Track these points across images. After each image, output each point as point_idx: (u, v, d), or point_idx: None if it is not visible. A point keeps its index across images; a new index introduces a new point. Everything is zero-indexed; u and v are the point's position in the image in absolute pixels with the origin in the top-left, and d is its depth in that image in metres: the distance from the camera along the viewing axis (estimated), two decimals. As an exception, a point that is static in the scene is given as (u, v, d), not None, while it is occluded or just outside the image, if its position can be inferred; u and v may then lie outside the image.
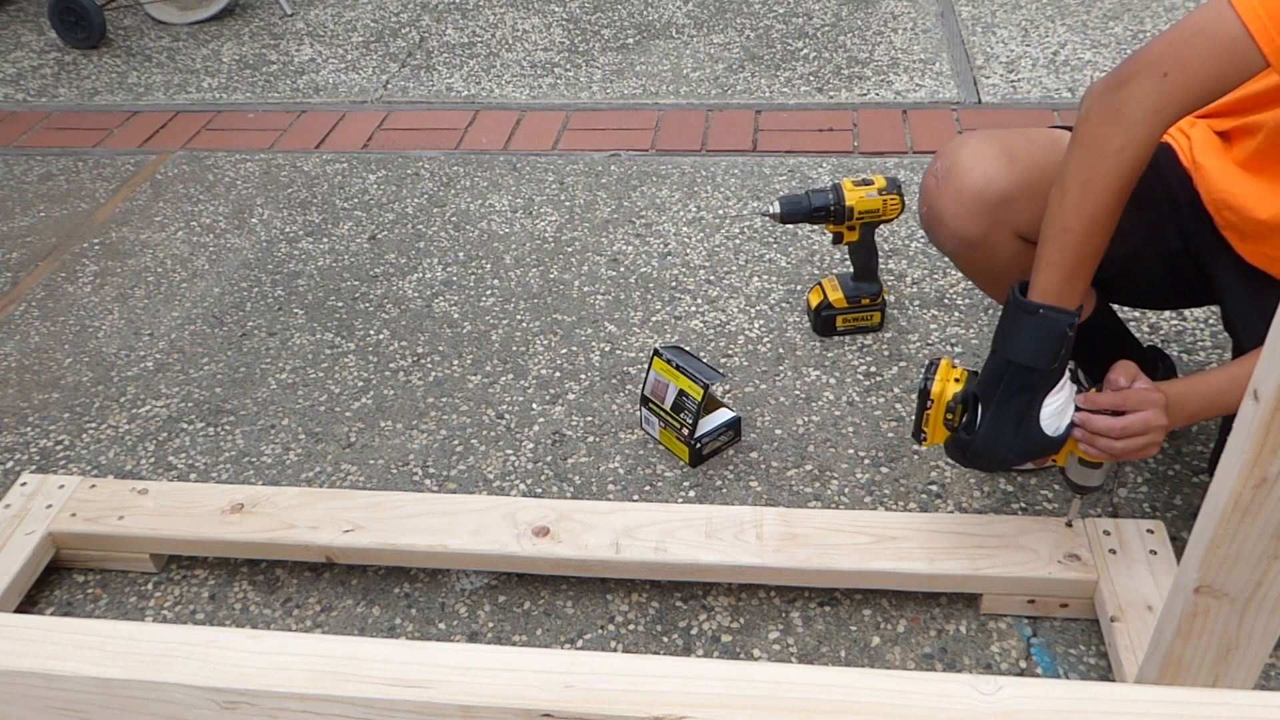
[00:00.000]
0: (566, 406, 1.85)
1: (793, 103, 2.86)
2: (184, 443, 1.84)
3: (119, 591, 1.56)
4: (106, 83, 3.28)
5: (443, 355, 2.01)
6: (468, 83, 3.12)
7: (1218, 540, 0.94)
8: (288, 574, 1.57)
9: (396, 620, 1.49)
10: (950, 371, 1.29)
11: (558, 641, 1.44)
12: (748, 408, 1.81)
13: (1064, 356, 1.19)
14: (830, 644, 1.41)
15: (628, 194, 2.49)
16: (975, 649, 1.39)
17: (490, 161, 2.69)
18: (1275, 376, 0.81)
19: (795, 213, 1.84)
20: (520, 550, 1.45)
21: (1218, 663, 1.07)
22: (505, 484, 1.70)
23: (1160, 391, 1.21)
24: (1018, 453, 1.24)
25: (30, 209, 2.61)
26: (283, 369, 2.00)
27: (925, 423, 1.31)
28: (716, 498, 1.64)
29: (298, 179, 2.66)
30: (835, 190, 1.83)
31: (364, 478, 1.74)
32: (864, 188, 1.84)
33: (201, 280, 2.29)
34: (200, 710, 1.11)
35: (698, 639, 1.43)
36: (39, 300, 2.26)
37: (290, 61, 3.35)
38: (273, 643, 1.14)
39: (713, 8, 3.50)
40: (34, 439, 1.87)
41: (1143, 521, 1.43)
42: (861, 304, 1.93)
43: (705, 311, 2.07)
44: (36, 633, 1.18)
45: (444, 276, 2.24)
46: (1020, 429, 1.22)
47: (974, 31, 3.16)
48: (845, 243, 1.89)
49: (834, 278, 1.96)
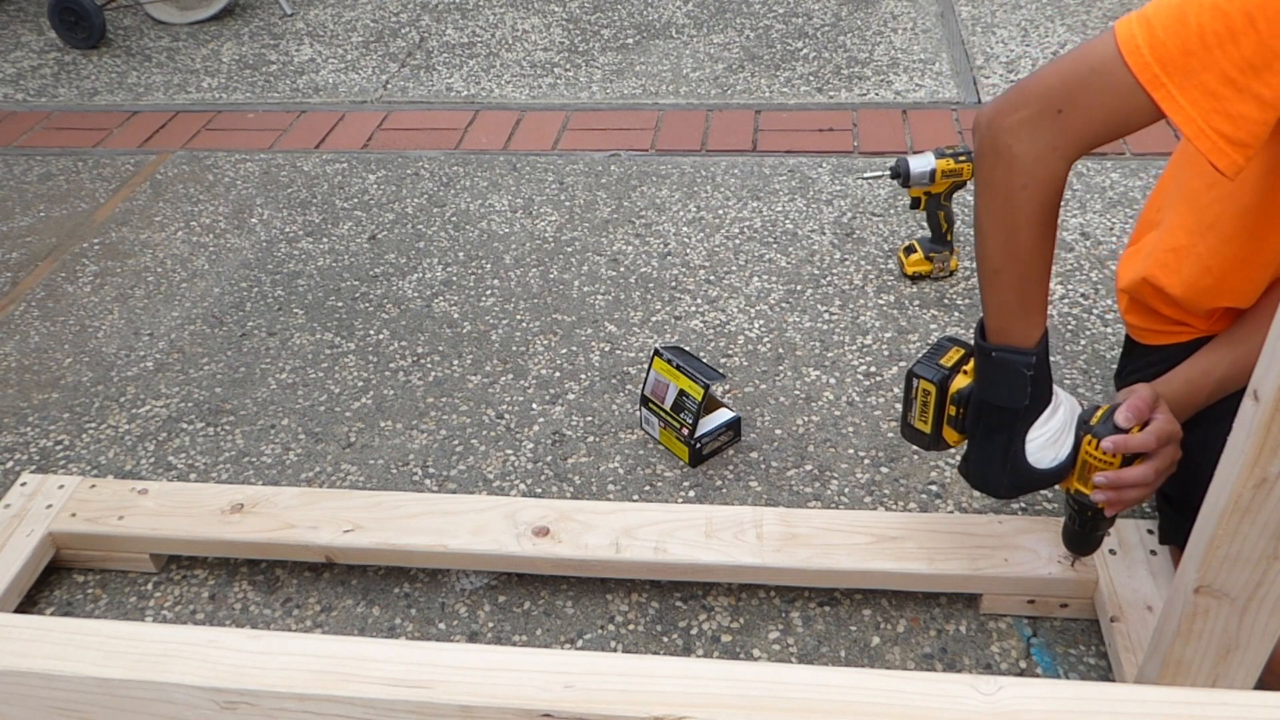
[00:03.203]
0: (566, 406, 1.85)
1: (793, 103, 2.86)
2: (184, 443, 1.84)
3: (119, 591, 1.56)
4: (106, 83, 3.28)
5: (443, 355, 2.01)
6: (468, 83, 3.12)
7: (1217, 540, 0.94)
8: (288, 574, 1.57)
9: (396, 620, 1.49)
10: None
11: (558, 641, 1.44)
12: (748, 408, 1.81)
13: (1036, 392, 1.12)
14: (830, 644, 1.41)
15: (628, 194, 2.49)
16: (975, 649, 1.39)
17: (490, 161, 2.69)
18: (1275, 376, 0.81)
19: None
20: (520, 550, 1.45)
21: (1218, 663, 1.07)
22: (505, 484, 1.70)
23: (1168, 411, 1.14)
24: (1009, 487, 1.18)
25: (30, 209, 2.61)
26: (283, 369, 2.00)
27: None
28: (716, 498, 1.64)
29: (298, 179, 2.66)
30: None
31: (364, 478, 1.74)
32: None
33: (201, 280, 2.29)
34: (200, 710, 1.11)
35: (698, 639, 1.43)
36: (39, 300, 2.26)
37: (290, 61, 3.34)
38: (273, 643, 1.14)
39: (713, 8, 3.50)
40: (34, 439, 1.87)
41: (1143, 521, 1.43)
42: None
43: (705, 311, 2.07)
44: (36, 633, 1.18)
45: (444, 276, 2.24)
46: (1006, 463, 1.16)
47: (974, 31, 3.16)
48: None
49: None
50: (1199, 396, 1.20)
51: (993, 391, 1.14)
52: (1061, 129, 0.98)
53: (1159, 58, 0.92)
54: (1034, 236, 1.04)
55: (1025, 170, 1.01)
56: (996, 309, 1.10)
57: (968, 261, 2.14)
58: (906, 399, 1.26)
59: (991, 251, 1.07)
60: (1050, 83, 0.99)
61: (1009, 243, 1.05)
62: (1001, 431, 1.15)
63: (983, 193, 1.06)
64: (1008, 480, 1.18)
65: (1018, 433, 1.15)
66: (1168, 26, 0.92)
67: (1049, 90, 0.99)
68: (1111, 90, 0.95)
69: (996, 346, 1.12)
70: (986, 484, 1.20)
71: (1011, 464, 1.16)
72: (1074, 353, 1.88)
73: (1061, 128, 0.98)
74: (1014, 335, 1.10)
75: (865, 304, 2.05)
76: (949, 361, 1.22)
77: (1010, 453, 1.16)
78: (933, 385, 1.21)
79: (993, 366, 1.12)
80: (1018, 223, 1.04)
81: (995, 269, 1.08)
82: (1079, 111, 0.97)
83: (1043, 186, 1.02)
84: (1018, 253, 1.06)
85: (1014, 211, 1.03)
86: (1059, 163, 1.00)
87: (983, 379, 1.15)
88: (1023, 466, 1.16)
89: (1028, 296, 1.09)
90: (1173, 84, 0.92)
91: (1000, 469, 1.17)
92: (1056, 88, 0.98)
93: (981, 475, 1.20)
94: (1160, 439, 1.12)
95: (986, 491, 1.22)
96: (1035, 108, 0.99)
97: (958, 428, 1.23)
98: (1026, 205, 1.02)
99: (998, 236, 1.06)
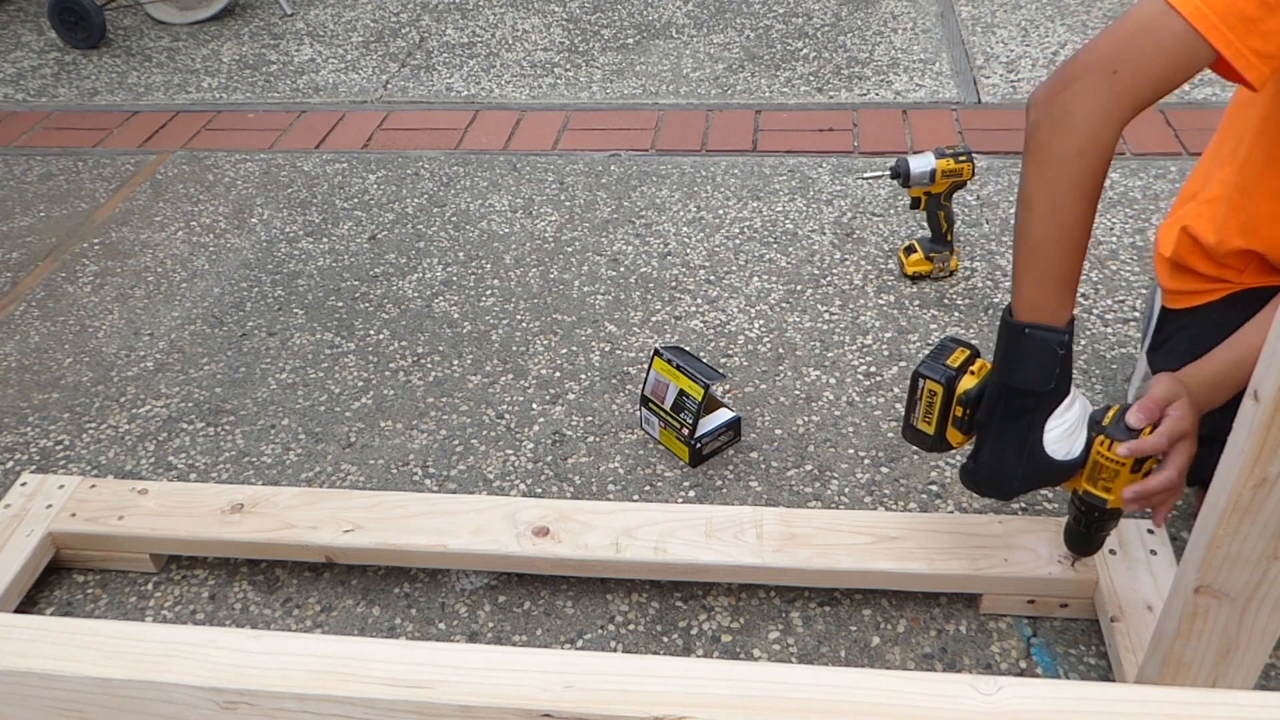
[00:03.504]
0: (566, 406, 1.85)
1: (793, 103, 2.86)
2: (184, 443, 1.84)
3: (119, 591, 1.56)
4: (106, 83, 3.28)
5: (443, 355, 2.01)
6: (468, 83, 3.12)
7: (1217, 540, 0.94)
8: (288, 574, 1.57)
9: (396, 620, 1.49)
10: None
11: (558, 641, 1.44)
12: (748, 408, 1.81)
13: (1062, 376, 1.12)
14: (830, 644, 1.41)
15: (628, 194, 2.49)
16: (975, 649, 1.39)
17: (490, 161, 2.69)
18: (1275, 376, 0.81)
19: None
20: (520, 550, 1.45)
21: (1218, 663, 1.07)
22: (505, 484, 1.70)
23: (1191, 405, 1.14)
24: (1024, 479, 1.18)
25: (30, 209, 2.61)
26: (283, 369, 2.00)
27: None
28: (716, 498, 1.64)
29: (298, 179, 2.66)
30: None
31: (364, 478, 1.74)
32: None
33: (201, 280, 2.29)
34: (200, 710, 1.11)
35: (698, 639, 1.43)
36: (39, 300, 2.26)
37: (290, 61, 3.35)
38: (273, 643, 1.14)
39: (713, 8, 3.50)
40: (34, 439, 1.87)
41: (1143, 521, 1.43)
42: None
43: (705, 311, 2.07)
44: (36, 633, 1.18)
45: (444, 276, 2.24)
46: (1023, 454, 1.16)
47: (974, 31, 3.16)
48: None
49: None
50: (1228, 385, 1.19)
51: (1019, 374, 1.14)
52: (1118, 89, 1.03)
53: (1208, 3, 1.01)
54: (1079, 208, 1.08)
55: (1085, 132, 1.05)
56: (1034, 284, 1.12)
57: (968, 261, 2.14)
58: (910, 400, 1.25)
59: (1036, 222, 1.09)
60: (1102, 47, 1.04)
61: (1056, 212, 1.08)
62: (1022, 417, 1.15)
63: (1035, 162, 1.08)
64: (1024, 471, 1.17)
65: (1038, 420, 1.15)
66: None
67: (1101, 55, 1.04)
68: (1161, 42, 1.02)
69: (1030, 324, 1.12)
70: (999, 476, 1.19)
71: (1029, 454, 1.16)
72: (1074, 352, 1.88)
73: (1118, 87, 1.03)
74: (1048, 312, 1.11)
75: (865, 304, 2.05)
76: (955, 362, 1.22)
77: (1029, 442, 1.15)
78: (939, 385, 1.21)
79: (1025, 344, 1.12)
80: (1068, 191, 1.07)
81: (1040, 240, 1.10)
82: (1132, 68, 1.03)
83: (1099, 150, 1.05)
84: (1065, 222, 1.08)
85: (1067, 178, 1.07)
86: (1115, 125, 1.05)
87: (1009, 361, 1.14)
88: (1040, 457, 1.16)
89: (1066, 271, 1.11)
90: (1214, 14, 1.00)
91: (1016, 458, 1.17)
92: (1109, 51, 1.04)
93: (996, 466, 1.19)
94: (1172, 438, 1.12)
95: (995, 489, 1.21)
96: (1091, 73, 1.04)
97: (963, 429, 1.23)
98: (1080, 171, 1.06)
99: (1045, 206, 1.08)
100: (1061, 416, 1.15)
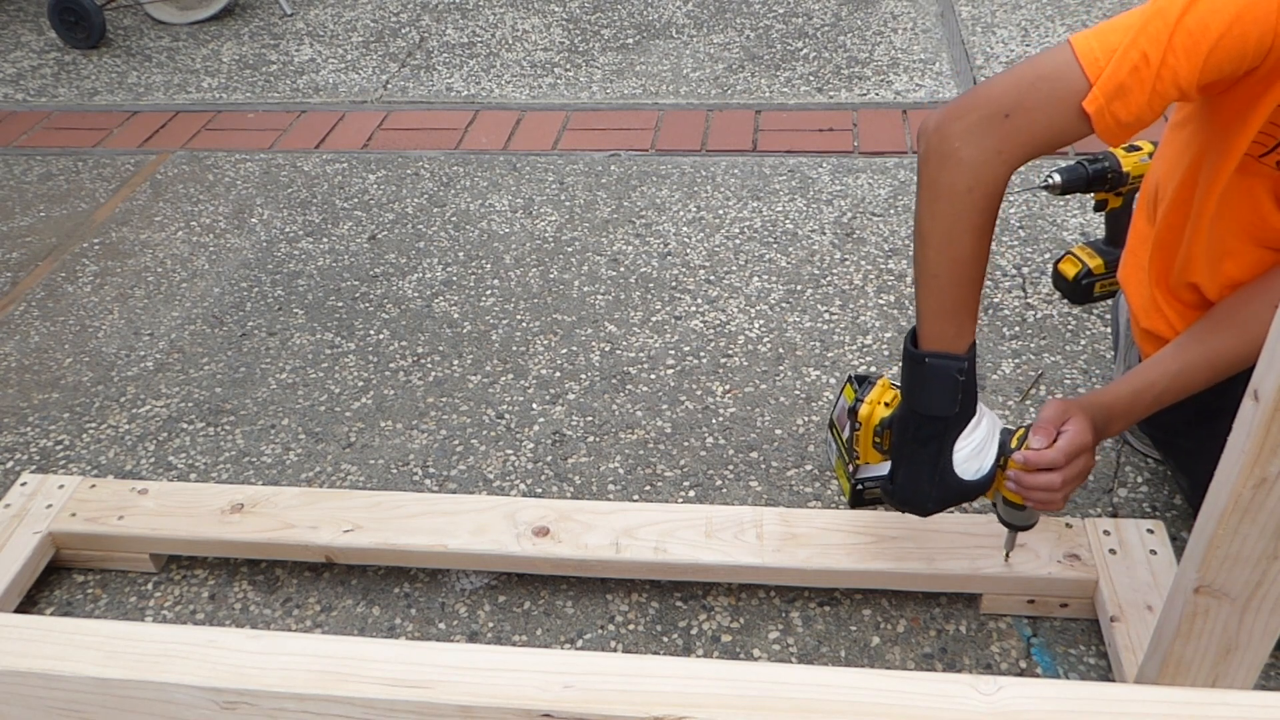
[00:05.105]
0: (566, 406, 1.85)
1: (793, 103, 2.86)
2: (184, 443, 1.84)
3: (119, 591, 1.56)
4: (106, 83, 3.28)
5: (443, 355, 2.01)
6: (468, 83, 3.12)
7: (1217, 540, 0.94)
8: (288, 574, 1.57)
9: (396, 620, 1.49)
10: (884, 393, 1.25)
11: (558, 641, 1.44)
12: (748, 408, 1.81)
13: (965, 400, 1.14)
14: (830, 644, 1.41)
15: (628, 194, 2.49)
16: (975, 649, 1.39)
17: (490, 161, 2.69)
18: (1275, 376, 0.81)
19: (1074, 181, 1.84)
20: (520, 550, 1.45)
21: (1218, 663, 1.07)
22: (505, 484, 1.70)
23: (1086, 420, 1.17)
24: (937, 500, 1.20)
25: (30, 209, 2.61)
26: (283, 369, 2.00)
27: (855, 443, 1.27)
28: (716, 498, 1.64)
29: (298, 179, 2.66)
30: (1110, 158, 1.84)
31: (364, 478, 1.74)
32: (1136, 154, 1.85)
33: (201, 280, 2.29)
34: (200, 710, 1.11)
35: (698, 639, 1.43)
36: (39, 300, 2.26)
37: (290, 61, 3.35)
38: (273, 643, 1.14)
39: (713, 8, 3.50)
40: (34, 439, 1.87)
41: (1143, 521, 1.43)
42: (1113, 268, 1.92)
43: (705, 311, 2.07)
44: (36, 633, 1.18)
45: (444, 276, 2.24)
46: (935, 476, 1.18)
47: (974, 31, 3.16)
48: (1108, 210, 1.90)
49: (1087, 246, 1.95)
50: (1139, 408, 1.22)
51: (924, 401, 1.15)
52: (1006, 132, 1.03)
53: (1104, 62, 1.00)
54: (974, 240, 1.08)
55: (971, 173, 1.04)
56: (932, 314, 1.12)
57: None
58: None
59: (931, 255, 1.10)
60: (999, 89, 1.04)
61: (949, 246, 1.08)
62: (931, 443, 1.17)
63: (926, 196, 1.08)
64: (937, 493, 1.19)
65: (947, 442, 1.17)
66: (1111, 42, 1.00)
67: (997, 96, 1.04)
68: (1056, 94, 1.01)
69: (929, 353, 1.13)
70: (915, 498, 1.21)
71: (940, 475, 1.18)
72: (1074, 353, 1.88)
73: (1006, 131, 1.03)
74: (946, 341, 1.13)
75: (865, 304, 2.05)
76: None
77: (939, 464, 1.17)
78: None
79: (925, 373, 1.14)
80: (960, 226, 1.07)
81: (934, 273, 1.10)
82: (1026, 114, 1.02)
83: (987, 190, 1.05)
84: (958, 256, 1.09)
85: (957, 215, 1.06)
86: (1002, 167, 1.05)
87: (913, 389, 1.16)
88: (950, 478, 1.18)
89: (962, 301, 1.11)
90: (1110, 78, 0.99)
91: (929, 482, 1.19)
92: (1005, 93, 1.03)
93: (911, 489, 1.21)
94: (1067, 454, 1.15)
95: (912, 508, 1.23)
96: (984, 112, 1.03)
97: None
98: (970, 209, 1.06)
99: (938, 240, 1.09)
100: (969, 436, 1.17)
